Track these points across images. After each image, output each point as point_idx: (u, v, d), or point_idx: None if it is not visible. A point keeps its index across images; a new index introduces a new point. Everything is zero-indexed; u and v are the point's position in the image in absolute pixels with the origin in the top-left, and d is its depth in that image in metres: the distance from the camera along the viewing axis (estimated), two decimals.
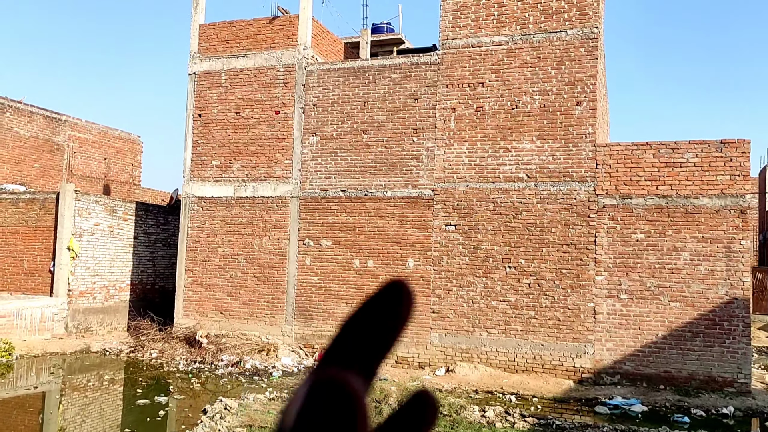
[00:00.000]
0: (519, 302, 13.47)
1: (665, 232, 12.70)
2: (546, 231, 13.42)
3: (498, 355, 13.52)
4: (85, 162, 23.30)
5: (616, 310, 12.85)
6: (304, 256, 15.33)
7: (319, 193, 15.33)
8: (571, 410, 11.33)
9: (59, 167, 22.14)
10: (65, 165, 22.32)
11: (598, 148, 13.27)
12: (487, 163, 13.95)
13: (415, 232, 14.41)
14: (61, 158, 22.27)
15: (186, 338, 15.48)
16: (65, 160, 22.38)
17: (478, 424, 9.71)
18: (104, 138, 24.32)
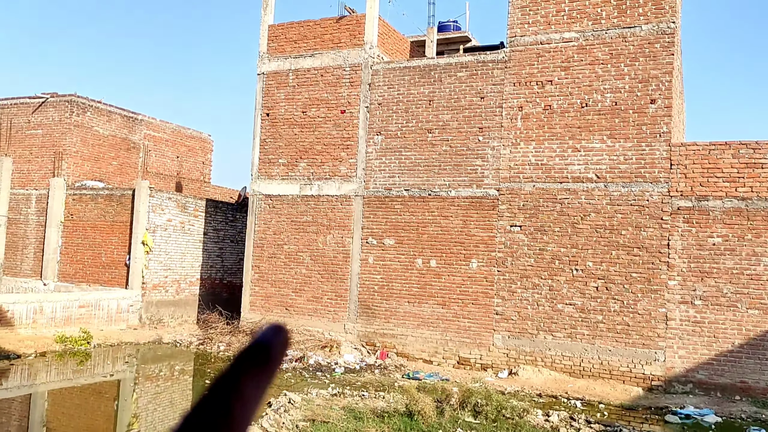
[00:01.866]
0: (586, 306, 13.14)
1: (744, 236, 12.11)
2: (616, 233, 13.03)
3: (563, 359, 13.23)
4: (158, 160, 24.21)
5: (690, 317, 12.35)
6: (367, 255, 15.43)
7: (383, 192, 15.39)
8: (640, 418, 10.96)
9: (135, 165, 23.10)
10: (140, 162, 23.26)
11: (673, 148, 12.78)
12: (555, 162, 13.67)
13: (479, 232, 14.27)
14: (137, 156, 23.22)
15: (252, 332, 15.85)
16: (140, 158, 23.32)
17: (541, 428, 9.53)
18: (177, 137, 25.20)
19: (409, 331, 14.74)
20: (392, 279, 15.10)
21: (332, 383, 12.37)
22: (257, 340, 0.49)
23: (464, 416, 9.78)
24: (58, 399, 11.98)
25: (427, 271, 14.73)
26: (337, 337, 15.41)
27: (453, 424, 9.46)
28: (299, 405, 10.09)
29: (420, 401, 9.62)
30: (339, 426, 9.04)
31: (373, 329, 15.17)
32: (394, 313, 14.99)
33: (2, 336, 14.25)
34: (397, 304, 14.98)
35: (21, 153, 21.20)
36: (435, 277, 14.62)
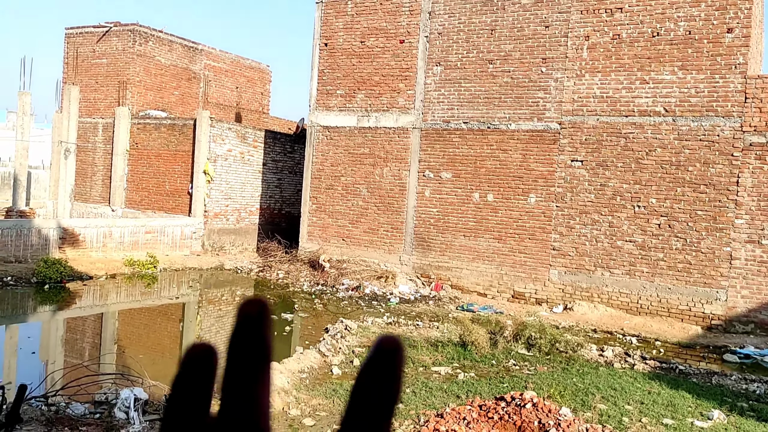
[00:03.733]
0: (646, 243, 12.90)
1: None
2: (682, 169, 12.60)
3: (620, 296, 13.13)
4: (218, 90, 24.48)
5: (756, 256, 11.99)
6: (424, 188, 15.44)
7: (441, 124, 15.22)
8: (697, 356, 10.89)
9: (196, 95, 23.44)
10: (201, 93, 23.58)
11: (749, 80, 12.10)
12: (621, 95, 13.16)
13: (538, 166, 14.03)
14: (198, 86, 23.53)
15: (310, 261, 16.29)
16: (201, 88, 23.62)
17: (595, 362, 9.59)
18: (236, 67, 25.33)
19: (464, 264, 14.85)
20: (448, 212, 15.12)
21: (387, 312, 12.69)
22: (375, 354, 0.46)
23: (517, 348, 9.93)
24: (127, 319, 12.71)
25: (484, 205, 14.67)
26: (392, 269, 15.67)
27: (506, 356, 9.62)
28: (355, 332, 10.43)
29: (474, 332, 9.79)
30: None
31: (428, 261, 15.34)
32: (449, 246, 15.08)
33: (75, 258, 15.08)
34: (453, 237, 15.04)
35: (87, 82, 21.77)
36: (492, 212, 14.56)
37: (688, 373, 9.36)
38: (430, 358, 9.33)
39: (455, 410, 6.73)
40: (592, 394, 7.80)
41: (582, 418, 6.74)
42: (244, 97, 25.83)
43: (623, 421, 7.02)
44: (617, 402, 7.66)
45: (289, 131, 24.03)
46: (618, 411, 7.33)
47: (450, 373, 8.77)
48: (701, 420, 7.18)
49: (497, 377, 8.65)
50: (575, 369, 9.10)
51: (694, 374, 9.30)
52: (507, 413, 6.46)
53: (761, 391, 8.57)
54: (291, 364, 8.35)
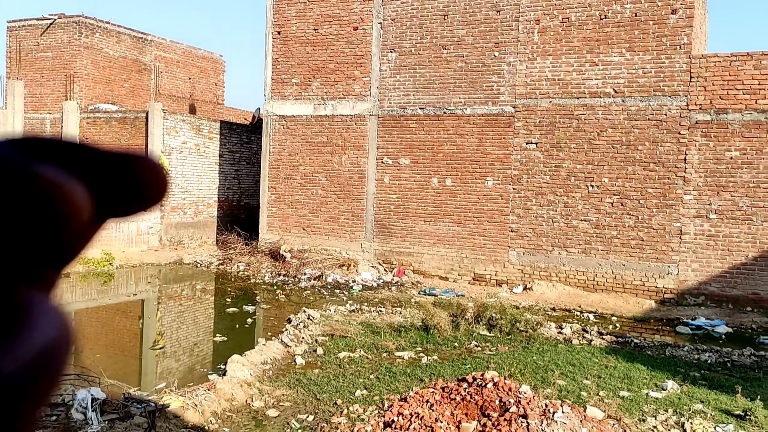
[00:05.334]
0: (601, 222, 13.21)
1: (762, 149, 11.96)
2: (632, 149, 12.92)
3: (577, 274, 13.44)
4: (171, 82, 24.00)
5: (704, 231, 12.40)
6: (383, 175, 15.47)
7: (398, 110, 15.25)
8: (651, 329, 11.24)
9: (147, 87, 22.93)
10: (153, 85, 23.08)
11: (693, 60, 12.44)
12: (572, 77, 13.39)
13: (494, 150, 14.20)
14: (149, 78, 23.02)
15: (270, 252, 16.20)
16: (152, 80, 23.12)
17: (554, 340, 9.82)
18: (188, 57, 24.85)
19: (425, 249, 14.97)
20: (408, 198, 15.20)
21: (350, 300, 12.73)
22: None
23: (479, 330, 10.09)
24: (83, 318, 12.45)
25: (442, 190, 14.78)
26: (354, 256, 15.70)
27: (468, 338, 9.78)
28: (318, 321, 10.44)
29: (436, 316, 9.92)
30: (357, 340, 9.39)
31: (390, 248, 15.42)
32: (410, 232, 15.18)
33: None
34: (413, 222, 15.14)
35: (32, 77, 21.09)
36: (450, 196, 14.69)
37: (643, 346, 9.66)
38: (393, 344, 9.41)
39: (418, 393, 6.83)
40: (552, 370, 7.99)
41: (542, 394, 6.92)
42: (197, 88, 25.38)
43: (581, 395, 7.22)
44: (576, 377, 7.87)
45: (246, 122, 23.75)
46: (576, 386, 7.54)
47: (413, 358, 8.88)
48: (656, 391, 7.43)
49: (460, 359, 8.79)
50: (535, 347, 9.31)
51: (649, 347, 9.61)
52: (469, 394, 6.58)
53: (712, 361, 8.90)
54: (253, 356, 8.33)
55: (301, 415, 6.67)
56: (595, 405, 6.66)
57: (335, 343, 9.32)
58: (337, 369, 8.19)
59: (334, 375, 7.87)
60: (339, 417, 6.63)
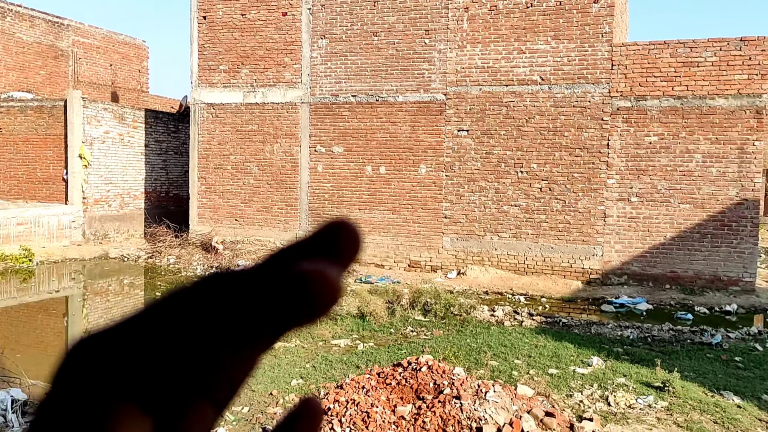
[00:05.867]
0: (530, 206, 13.56)
1: (679, 134, 12.56)
2: (559, 135, 13.30)
3: (508, 258, 13.77)
4: (90, 68, 22.98)
5: (626, 213, 12.94)
6: (316, 163, 15.36)
7: (330, 98, 15.14)
8: (578, 309, 11.67)
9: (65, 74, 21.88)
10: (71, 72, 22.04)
11: (615, 48, 12.90)
12: (501, 65, 13.64)
13: (427, 137, 14.33)
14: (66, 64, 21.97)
15: (202, 244, 15.84)
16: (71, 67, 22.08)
17: (487, 323, 10.05)
18: (109, 43, 23.85)
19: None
20: (342, 187, 15.15)
21: None
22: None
23: (414, 315, 10.21)
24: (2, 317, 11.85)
25: (376, 177, 14.81)
26: None
27: (404, 323, 9.87)
28: None
29: (371, 303, 9.97)
30: None
31: None
32: None
33: None
34: (348, 211, 15.12)
35: None
36: (385, 184, 14.74)
37: (571, 325, 10.01)
38: (329, 332, 9.40)
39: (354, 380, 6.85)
40: (485, 352, 8.18)
41: (475, 375, 7.07)
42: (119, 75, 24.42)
43: (513, 374, 7.43)
44: (507, 358, 8.08)
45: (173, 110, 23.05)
46: (508, 366, 7.74)
47: (350, 345, 8.90)
48: (582, 367, 7.73)
49: (396, 345, 8.87)
50: (469, 330, 9.49)
51: (576, 326, 9.97)
52: (404, 378, 6.66)
53: (634, 336, 9.33)
54: None
55: (236, 407, 6.58)
56: (525, 383, 6.87)
57: None
58: (272, 359, 8.11)
59: (269, 366, 7.79)
60: (275, 407, 6.58)
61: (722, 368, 8.06)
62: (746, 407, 6.76)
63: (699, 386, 7.25)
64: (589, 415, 6.28)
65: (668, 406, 6.62)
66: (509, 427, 5.84)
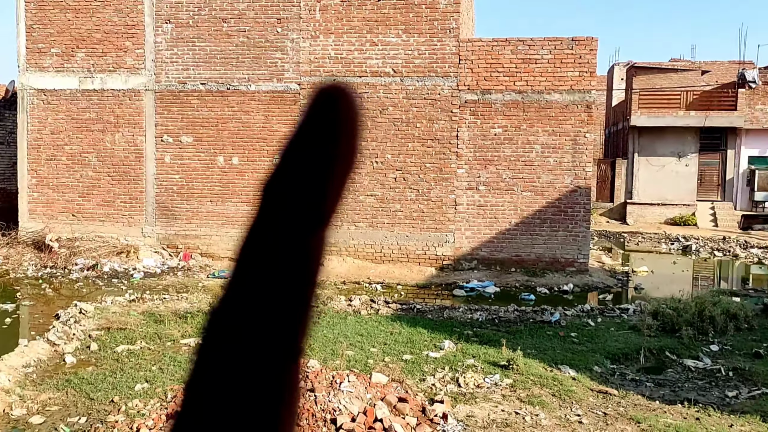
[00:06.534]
0: (385, 196, 13.77)
1: (520, 126, 13.33)
2: (411, 126, 13.61)
3: (365, 248, 13.91)
4: None
5: (475, 201, 13.54)
6: (163, 154, 14.55)
7: (177, 86, 14.38)
8: (432, 295, 12.05)
9: None
10: None
11: (461, 44, 13.40)
12: (354, 56, 13.69)
13: (281, 128, 14.06)
14: None
15: (34, 243, 14.44)
16: None
17: (344, 312, 10.06)
18: None
19: (213, 231, 14.42)
20: (192, 178, 14.48)
21: (130, 289, 11.82)
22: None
23: None
24: None
25: (229, 169, 14.31)
26: (134, 242, 14.61)
27: None
28: (92, 314, 9.55)
29: None
30: (138, 331, 8.75)
31: (174, 231, 14.60)
32: (196, 214, 14.51)
33: None
34: (199, 204, 14.48)
35: None
36: (238, 175, 14.28)
37: (425, 310, 10.30)
38: (178, 332, 8.93)
39: None
40: (341, 342, 8.16)
41: (331, 366, 7.02)
42: None
43: (369, 363, 7.47)
44: (364, 346, 8.13)
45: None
46: (364, 355, 7.78)
47: None
48: (435, 351, 7.95)
49: None
50: (326, 321, 9.43)
51: (430, 311, 10.27)
52: None
53: (483, 318, 9.77)
54: (13, 360, 7.35)
55: (72, 418, 6.04)
56: (380, 371, 6.93)
57: (112, 336, 8.59)
58: (115, 364, 7.55)
59: (110, 371, 7.24)
60: (116, 415, 6.11)
61: (560, 344, 8.66)
62: (580, 379, 7.31)
63: (540, 362, 7.72)
64: (441, 397, 6.46)
65: (512, 383, 6.99)
66: (363, 415, 5.86)
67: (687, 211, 24.10)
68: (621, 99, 28.78)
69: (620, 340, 8.81)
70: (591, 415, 6.37)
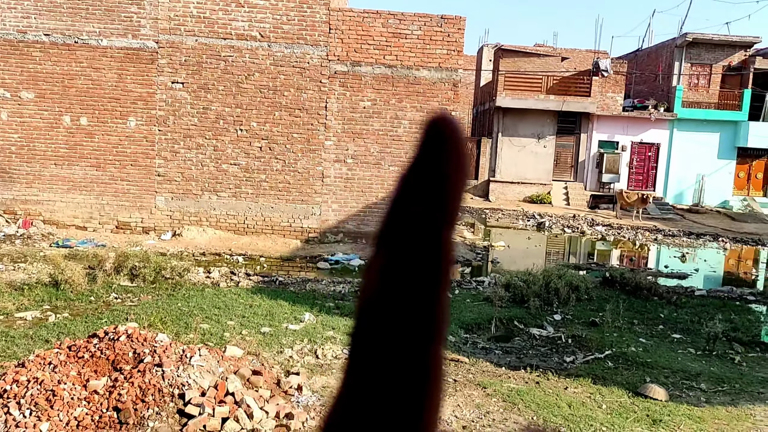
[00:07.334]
0: (250, 166, 13.33)
1: (389, 100, 13.37)
2: (279, 94, 13.21)
3: (228, 218, 13.42)
4: None
5: (342, 174, 13.45)
6: (0, 111, 13.09)
7: (15, 35, 12.93)
8: (297, 267, 11.86)
9: None
10: None
11: (332, 13, 13.15)
12: (218, 17, 13.00)
13: (136, 88, 13.11)
14: None
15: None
16: None
17: (202, 285, 9.64)
18: None
19: (57, 197, 13.24)
20: (34, 139, 13.17)
21: None
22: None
23: (120, 281, 9.35)
24: None
25: (77, 129, 13.17)
26: None
27: (107, 290, 8.98)
28: None
29: (67, 269, 8.85)
30: None
31: (13, 196, 13.25)
32: (38, 177, 13.24)
33: None
34: (42, 167, 13.22)
35: None
36: (87, 137, 13.18)
37: (287, 283, 10.11)
38: (13, 304, 8.12)
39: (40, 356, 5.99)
40: (196, 315, 7.79)
41: (183, 340, 6.67)
42: None
43: (225, 336, 7.20)
44: (220, 320, 7.81)
45: None
46: (220, 328, 7.48)
47: (39, 317, 7.80)
48: (295, 323, 7.81)
49: (95, 314, 8.01)
50: (181, 294, 8.99)
51: (292, 284, 10.09)
52: (99, 349, 6.00)
53: (345, 291, 9.76)
54: None
55: None
56: (236, 344, 6.68)
57: None
58: None
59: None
60: None
61: None
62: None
63: None
64: (297, 369, 6.35)
65: None
66: (214, 389, 5.61)
67: (544, 190, 25.59)
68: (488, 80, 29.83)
69: (474, 311, 9.14)
70: None
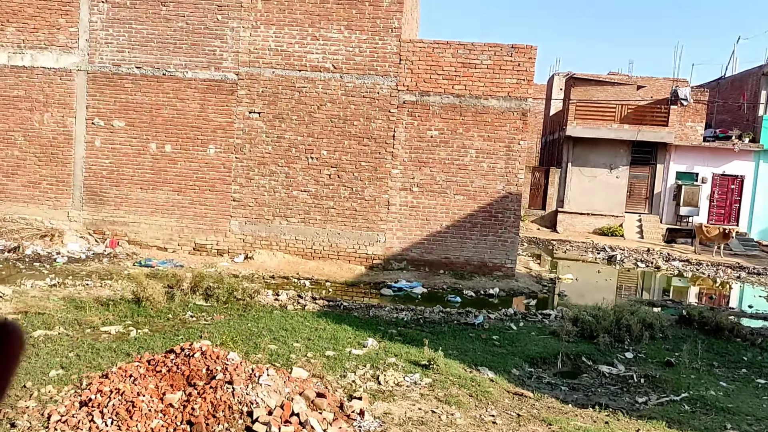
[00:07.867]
0: (319, 192, 13.80)
1: (457, 129, 13.60)
2: (349, 123, 13.68)
3: (297, 243, 13.91)
4: None
5: (408, 202, 13.73)
6: (94, 137, 14.13)
7: (111, 68, 13.99)
8: (361, 293, 12.16)
9: None
10: None
11: (403, 44, 13.56)
12: (294, 50, 13.65)
13: (217, 117, 13.88)
14: None
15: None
16: None
17: (270, 307, 10.05)
18: None
19: (142, 219, 14.11)
20: (123, 164, 14.13)
21: (52, 273, 11.46)
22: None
23: (195, 300, 9.87)
24: None
25: (161, 156, 14.04)
26: (59, 226, 14.14)
27: (183, 308, 9.50)
28: (9, 297, 9.23)
29: (148, 287, 9.44)
30: (57, 316, 8.52)
31: (102, 217, 14.22)
32: (125, 200, 14.16)
33: None
34: (129, 190, 14.14)
35: None
36: (170, 163, 14.02)
37: (351, 308, 10.39)
38: (99, 319, 8.74)
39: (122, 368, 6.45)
40: (264, 336, 8.17)
41: (252, 360, 7.03)
42: None
43: (291, 357, 7.51)
44: (287, 341, 8.15)
45: None
46: (287, 349, 7.81)
47: (122, 332, 8.35)
48: (358, 348, 8.06)
49: (172, 330, 8.50)
50: (251, 315, 9.41)
51: (356, 309, 10.37)
52: (176, 365, 6.41)
53: (408, 318, 9.94)
54: None
55: None
56: (301, 366, 6.98)
57: (29, 321, 8.33)
58: (30, 349, 7.33)
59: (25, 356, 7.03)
60: (27, 401, 5.96)
61: (481, 346, 8.90)
62: (498, 381, 7.53)
63: (460, 363, 7.92)
64: (360, 394, 6.57)
65: (432, 382, 7.15)
66: (280, 409, 5.91)
67: (615, 222, 25.07)
68: (559, 109, 29.62)
69: (540, 345, 9.08)
70: (505, 416, 6.56)
